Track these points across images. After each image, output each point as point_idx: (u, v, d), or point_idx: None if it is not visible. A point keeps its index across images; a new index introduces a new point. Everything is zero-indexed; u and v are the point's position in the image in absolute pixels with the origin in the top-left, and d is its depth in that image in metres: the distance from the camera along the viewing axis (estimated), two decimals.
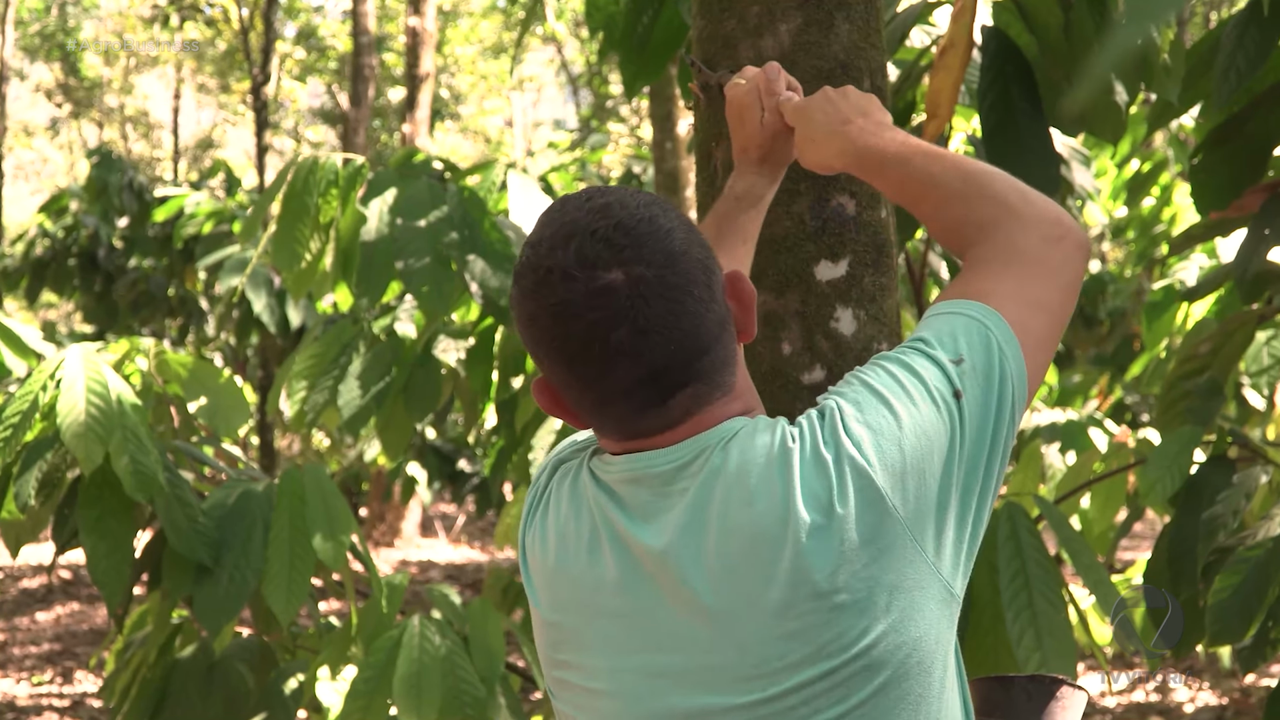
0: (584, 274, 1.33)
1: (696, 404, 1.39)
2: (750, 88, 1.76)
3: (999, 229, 1.45)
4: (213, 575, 3.09)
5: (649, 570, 1.37)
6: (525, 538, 1.51)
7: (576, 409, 1.43)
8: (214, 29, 15.75)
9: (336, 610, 8.27)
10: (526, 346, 1.42)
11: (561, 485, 1.48)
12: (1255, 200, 3.05)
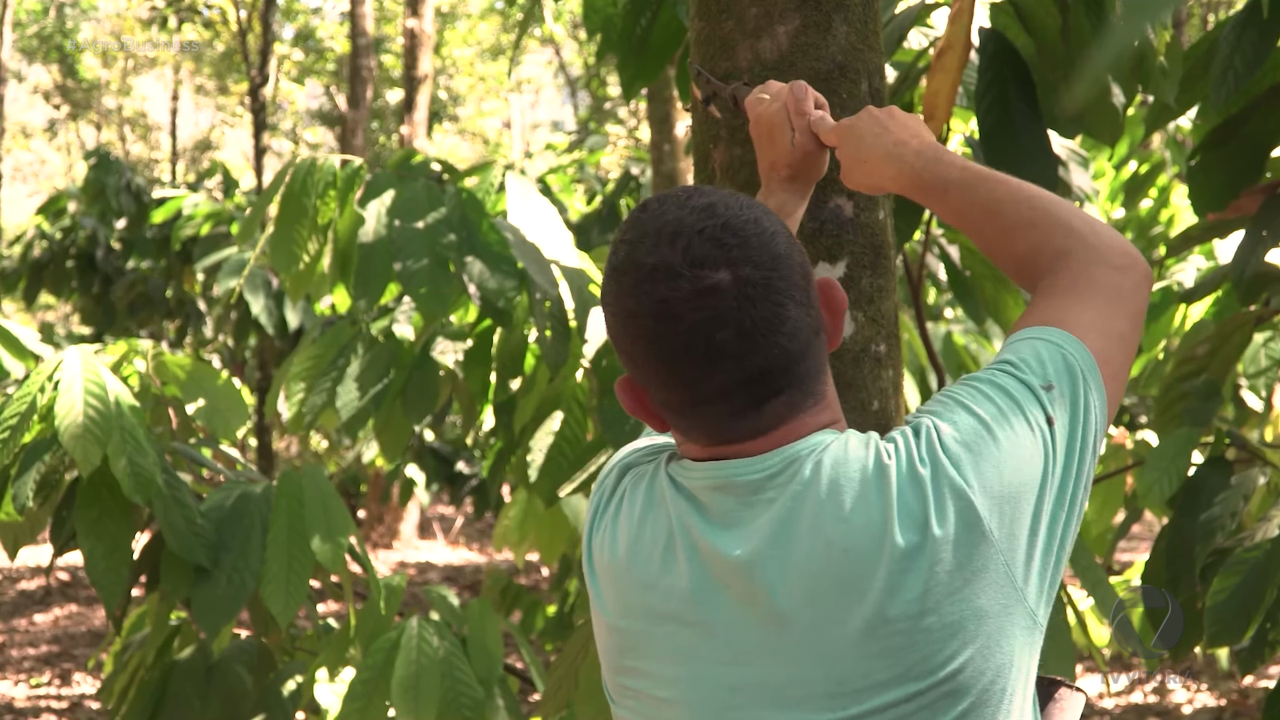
0: (691, 273, 1.32)
1: (790, 411, 1.38)
2: (779, 106, 1.73)
3: (1072, 258, 1.45)
4: (211, 577, 3.09)
5: (726, 579, 1.35)
6: (592, 540, 1.49)
7: (664, 410, 1.41)
8: (212, 31, 15.75)
9: (335, 612, 8.26)
10: (617, 344, 1.41)
11: (636, 489, 1.46)
12: (1253, 202, 3.05)
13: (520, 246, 3.56)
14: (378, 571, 3.51)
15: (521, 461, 3.73)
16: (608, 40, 3.30)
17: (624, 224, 1.40)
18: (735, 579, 1.35)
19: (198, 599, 3.09)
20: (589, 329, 3.47)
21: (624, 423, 3.46)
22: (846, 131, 1.66)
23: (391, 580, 3.39)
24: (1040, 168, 2.69)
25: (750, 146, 1.97)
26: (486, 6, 19.98)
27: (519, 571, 8.35)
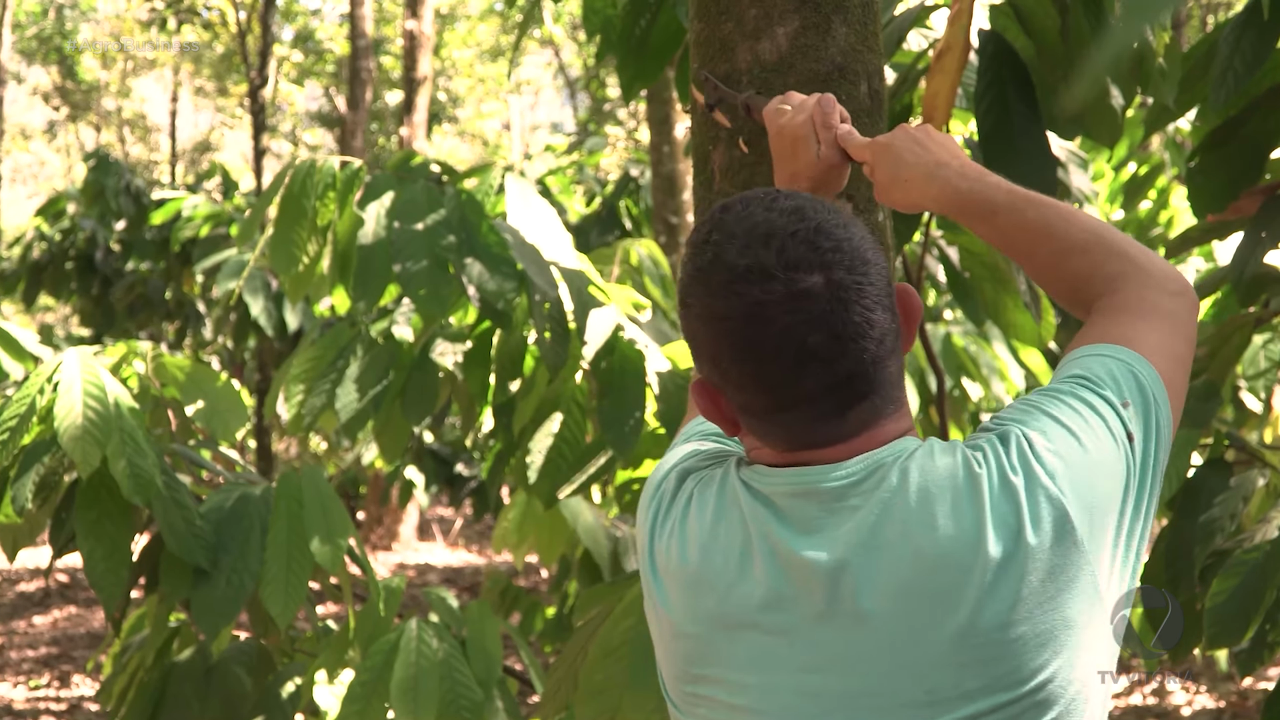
0: (785, 275, 1.31)
1: (872, 417, 1.37)
2: (805, 118, 1.71)
3: (1128, 282, 1.46)
4: (210, 578, 3.09)
5: (808, 586, 1.34)
6: (654, 545, 1.46)
7: (741, 414, 1.40)
8: (211, 32, 15.75)
9: (334, 613, 8.26)
10: (697, 346, 1.40)
11: (704, 493, 1.44)
12: (1252, 203, 3.05)
13: (519, 248, 3.56)
14: (377, 573, 3.51)
15: (521, 463, 3.72)
16: (607, 42, 3.30)
17: (704, 226, 1.39)
18: (818, 586, 1.34)
19: (197, 600, 3.09)
20: (588, 330, 3.47)
21: (623, 424, 3.46)
22: (883, 149, 1.65)
23: (390, 582, 3.39)
24: (1039, 169, 2.69)
25: (749, 149, 1.97)
26: (486, 8, 19.98)
27: (518, 573, 8.35)
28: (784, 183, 1.74)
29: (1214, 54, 2.94)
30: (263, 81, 10.69)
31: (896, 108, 2.94)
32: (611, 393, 3.52)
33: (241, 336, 8.52)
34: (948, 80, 2.38)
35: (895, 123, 2.89)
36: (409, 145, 9.79)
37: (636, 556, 1.52)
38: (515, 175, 4.02)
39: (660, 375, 3.57)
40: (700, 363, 1.41)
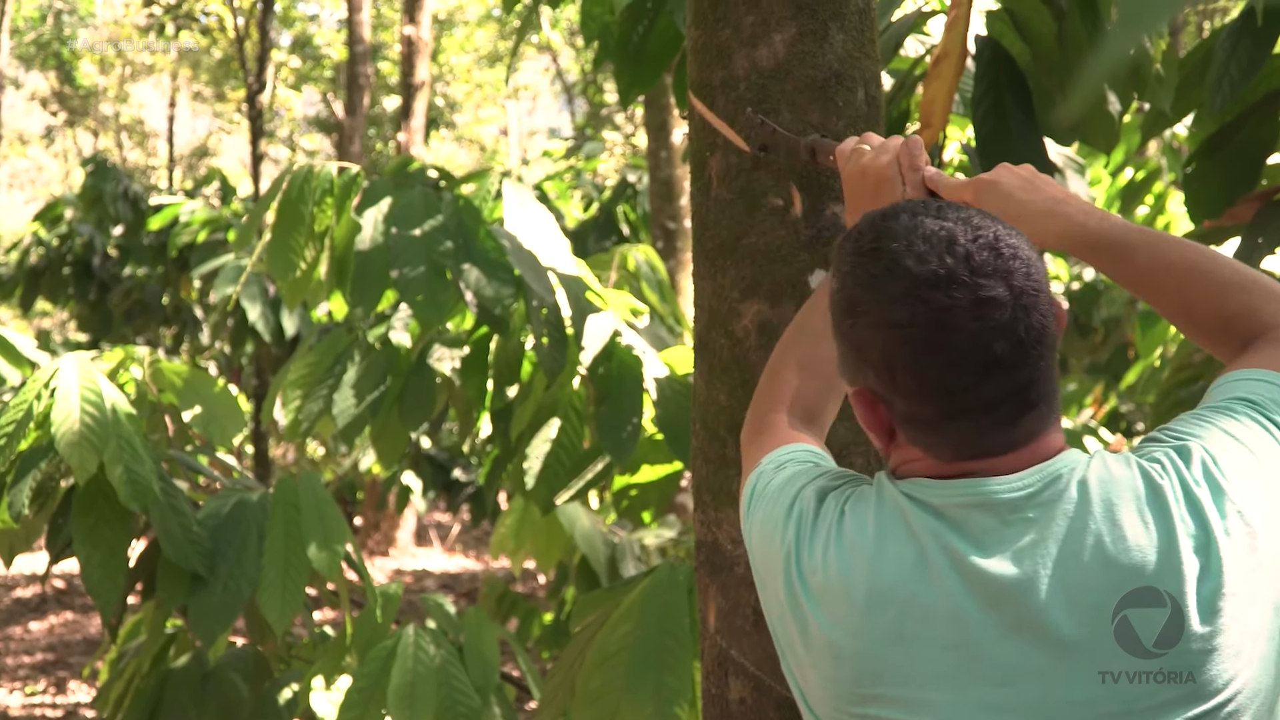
0: (972, 281, 1.31)
1: (1038, 426, 1.37)
2: (890, 159, 1.71)
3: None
4: (207, 585, 3.09)
5: (994, 600, 1.33)
6: (803, 569, 1.42)
7: (907, 424, 1.40)
8: (209, 38, 15.76)
9: (331, 620, 8.26)
10: (865, 355, 1.38)
11: (859, 510, 1.41)
12: (1248, 209, 3.05)
13: (517, 254, 3.56)
14: (374, 579, 3.51)
15: (518, 469, 3.72)
16: (605, 48, 3.30)
17: (864, 236, 1.39)
18: (1005, 600, 1.33)
19: (194, 607, 3.08)
20: (586, 336, 3.47)
21: (621, 430, 3.46)
22: (989, 187, 1.64)
23: (388, 588, 3.39)
24: None
25: (745, 156, 1.98)
26: (483, 13, 19.98)
27: (515, 579, 8.34)
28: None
29: (1210, 60, 2.94)
30: (260, 87, 10.70)
31: (894, 114, 2.94)
32: (609, 398, 3.52)
33: (239, 342, 8.52)
34: (945, 86, 2.38)
35: (892, 129, 2.90)
36: (406, 151, 9.79)
37: (763, 586, 1.48)
38: (513, 181, 4.03)
39: (658, 381, 3.57)
40: (863, 372, 1.40)
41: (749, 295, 1.99)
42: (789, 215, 1.97)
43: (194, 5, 13.52)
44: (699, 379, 2.09)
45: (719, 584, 2.03)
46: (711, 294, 2.05)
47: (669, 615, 2.74)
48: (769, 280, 1.97)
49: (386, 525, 11.69)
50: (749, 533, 1.54)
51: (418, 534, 12.54)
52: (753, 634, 1.97)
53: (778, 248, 1.97)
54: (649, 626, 2.72)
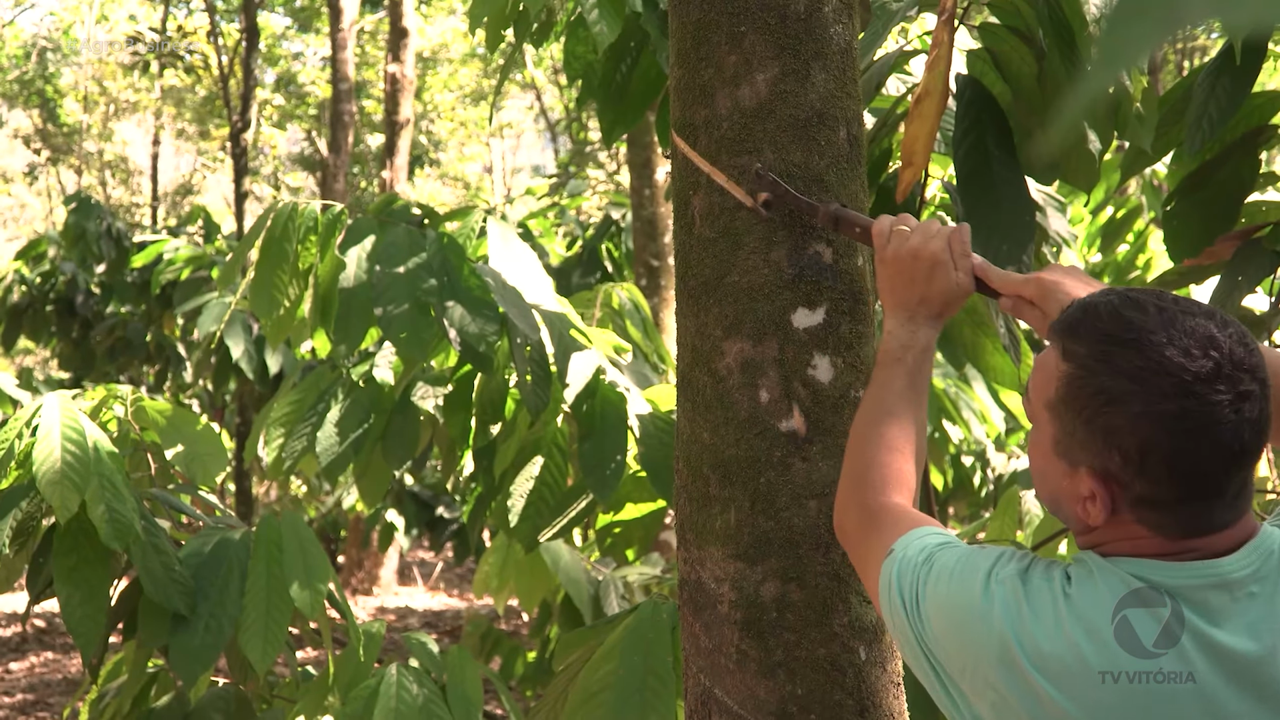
0: (1234, 376, 1.41)
1: (1245, 504, 1.46)
2: (942, 244, 1.80)
3: None
4: (189, 624, 3.07)
5: (1237, 673, 1.42)
6: (1028, 648, 1.46)
7: (1139, 505, 1.46)
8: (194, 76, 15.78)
9: (314, 658, 8.21)
10: (1115, 441, 1.44)
11: (1085, 589, 1.47)
12: (1228, 247, 3.07)
13: (501, 291, 3.57)
14: (357, 618, 3.49)
15: (502, 506, 3.71)
16: (588, 87, 3.32)
17: (1113, 324, 1.46)
18: (1247, 673, 1.42)
19: (175, 646, 3.06)
20: (570, 374, 3.47)
21: (604, 467, 3.46)
22: (1054, 285, 1.75)
23: (370, 627, 3.37)
24: (1018, 213, 2.71)
25: (728, 195, 1.98)
26: (468, 52, 20.05)
27: (499, 617, 8.31)
28: (912, 304, 1.83)
29: (1189, 99, 2.97)
30: (245, 125, 10.71)
31: (875, 152, 2.95)
32: (593, 436, 3.52)
33: (222, 380, 8.50)
34: (926, 125, 2.39)
35: (874, 168, 2.92)
36: (391, 188, 9.81)
37: (960, 670, 1.52)
38: (496, 218, 4.03)
39: (641, 418, 3.57)
40: (1104, 455, 1.46)
41: (732, 333, 1.99)
42: (771, 255, 1.98)
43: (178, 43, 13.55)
44: (682, 417, 2.09)
45: (702, 622, 2.02)
46: (694, 332, 2.06)
47: (652, 653, 2.73)
48: (752, 318, 1.98)
49: (370, 563, 11.64)
50: (915, 616, 1.56)
51: (401, 572, 12.49)
52: (736, 672, 1.97)
53: (760, 286, 1.97)
54: (632, 665, 2.71)
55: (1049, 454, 1.53)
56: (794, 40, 2.00)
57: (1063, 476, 1.51)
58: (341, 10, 11.41)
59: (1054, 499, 1.56)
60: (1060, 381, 1.49)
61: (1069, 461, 1.50)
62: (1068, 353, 1.49)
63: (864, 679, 1.97)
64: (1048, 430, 1.52)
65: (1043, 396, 1.53)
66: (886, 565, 1.61)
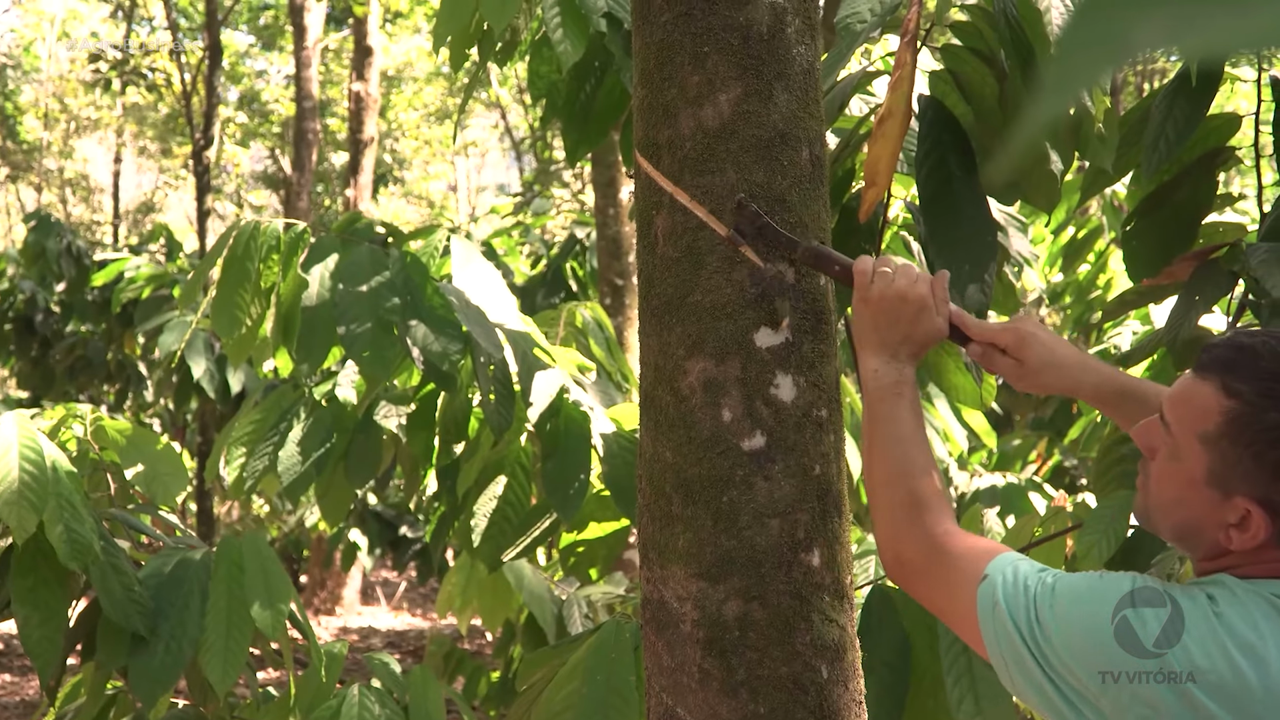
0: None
1: None
2: (927, 289, 1.90)
3: None
4: (148, 645, 3.04)
5: None
6: (1179, 661, 1.53)
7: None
8: (156, 93, 15.71)
9: (275, 679, 8.15)
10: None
11: (1236, 610, 1.55)
12: (1185, 268, 3.09)
13: (464, 310, 3.56)
14: (320, 638, 3.47)
15: (465, 526, 3.71)
16: (552, 106, 3.32)
17: (1271, 362, 1.59)
18: None
19: (134, 667, 3.04)
20: (533, 393, 3.47)
21: (568, 487, 3.46)
22: (1030, 337, 1.92)
23: (332, 647, 3.35)
24: (979, 233, 2.72)
25: (690, 214, 1.99)
26: (432, 70, 20.05)
27: (462, 637, 8.28)
28: (894, 343, 1.91)
29: (1147, 120, 2.99)
30: (207, 143, 10.67)
31: (839, 172, 2.97)
32: (556, 455, 3.51)
33: (183, 399, 8.45)
34: (889, 146, 2.40)
35: (837, 188, 2.93)
36: (354, 207, 9.79)
37: (1102, 688, 1.59)
38: (460, 237, 4.03)
39: (605, 437, 3.57)
40: (1268, 486, 1.58)
41: (694, 352, 2.00)
42: (734, 275, 1.98)
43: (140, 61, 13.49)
44: (645, 436, 2.09)
45: (665, 641, 2.02)
46: (657, 351, 2.06)
47: (615, 673, 2.73)
48: (714, 338, 1.98)
49: (332, 583, 11.59)
50: (1033, 640, 1.62)
51: (364, 592, 12.43)
52: (698, 691, 1.96)
53: (723, 305, 1.98)
54: (595, 684, 2.70)
55: (1198, 483, 1.62)
56: (757, 61, 2.00)
57: (1211, 504, 1.61)
58: (306, 28, 11.40)
59: (1187, 525, 1.66)
60: (1223, 416, 1.59)
61: (1223, 491, 1.59)
62: (1231, 390, 1.59)
63: (826, 697, 1.97)
64: (1199, 461, 1.62)
65: (1195, 429, 1.62)
66: (985, 591, 1.66)
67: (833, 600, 2.00)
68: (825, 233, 2.08)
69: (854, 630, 2.07)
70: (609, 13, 3.03)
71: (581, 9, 3.02)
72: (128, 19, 15.81)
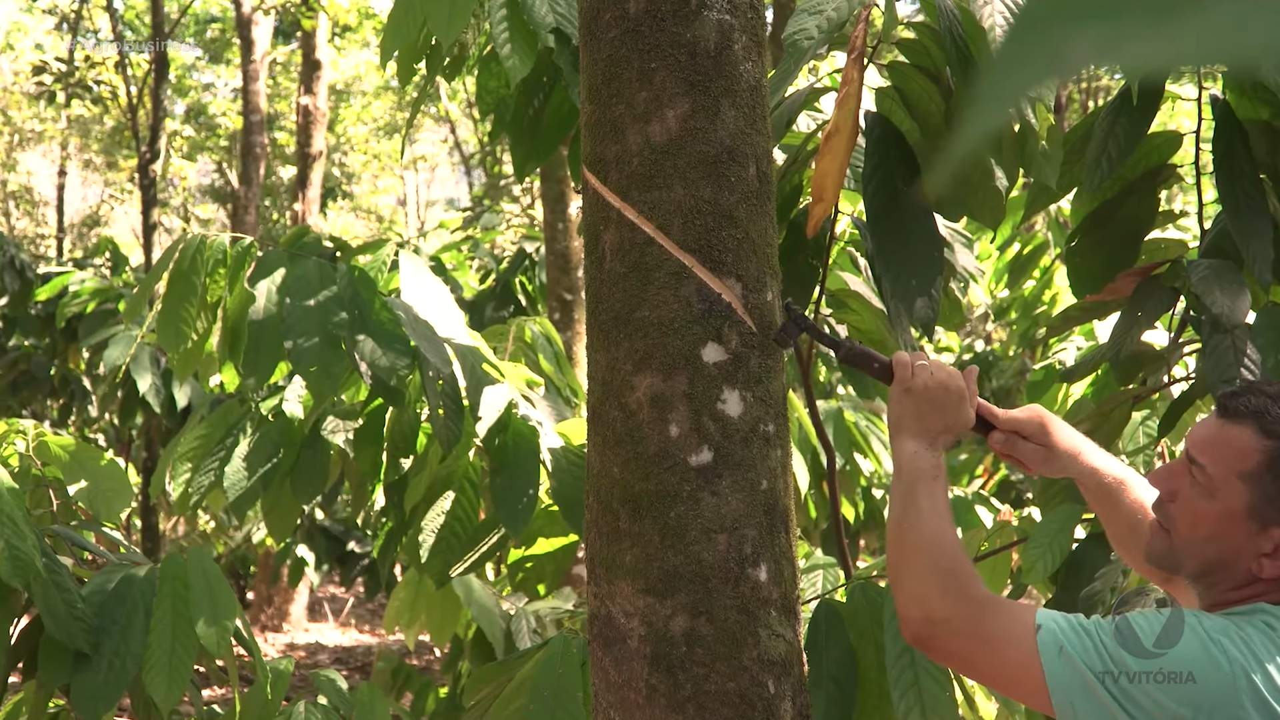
0: None
1: None
2: (962, 380, 2.05)
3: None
4: (91, 663, 3.01)
5: None
6: (1265, 682, 1.69)
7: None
8: (101, 106, 15.59)
9: (220, 697, 8.09)
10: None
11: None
12: (1128, 284, 3.13)
13: (413, 325, 3.55)
14: (267, 654, 3.44)
15: (413, 541, 3.69)
16: (501, 121, 3.32)
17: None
18: None
19: (77, 686, 3.01)
20: (482, 407, 3.46)
21: (516, 501, 3.45)
22: (1053, 423, 2.10)
23: (278, 664, 3.33)
24: (926, 248, 2.74)
25: (639, 230, 1.99)
26: (381, 85, 20.00)
27: (410, 653, 8.23)
28: (935, 431, 2.03)
29: (1091, 137, 3.03)
30: (154, 156, 10.59)
31: (786, 188, 2.98)
32: (505, 470, 3.50)
33: (129, 414, 8.37)
34: (836, 162, 2.42)
35: (784, 204, 2.95)
36: (302, 221, 9.74)
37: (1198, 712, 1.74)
38: (409, 251, 4.02)
39: (554, 452, 3.56)
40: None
41: (642, 368, 2.00)
42: (681, 290, 1.99)
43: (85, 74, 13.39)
44: (592, 451, 2.09)
45: (612, 656, 2.02)
46: (605, 366, 2.06)
47: (562, 688, 2.72)
48: (662, 353, 1.99)
49: (280, 599, 11.50)
50: (1112, 680, 1.76)
51: (311, 608, 12.34)
52: (645, 707, 1.96)
53: (670, 321, 1.98)
54: (542, 700, 2.70)
55: (1237, 518, 1.80)
56: (704, 77, 2.01)
57: (1247, 536, 1.79)
58: (253, 42, 11.35)
59: (1220, 559, 1.82)
60: (1263, 455, 1.78)
61: (1260, 523, 1.78)
62: (1269, 432, 1.78)
63: (773, 712, 1.97)
64: (1239, 497, 1.79)
65: (1235, 469, 1.79)
66: (1046, 641, 1.79)
67: (780, 615, 2.01)
68: (772, 249, 2.09)
69: (801, 645, 2.08)
70: (557, 28, 3.04)
71: (530, 24, 3.02)
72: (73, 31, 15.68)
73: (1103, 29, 0.45)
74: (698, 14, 2.01)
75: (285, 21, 14.88)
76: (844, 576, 3.21)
